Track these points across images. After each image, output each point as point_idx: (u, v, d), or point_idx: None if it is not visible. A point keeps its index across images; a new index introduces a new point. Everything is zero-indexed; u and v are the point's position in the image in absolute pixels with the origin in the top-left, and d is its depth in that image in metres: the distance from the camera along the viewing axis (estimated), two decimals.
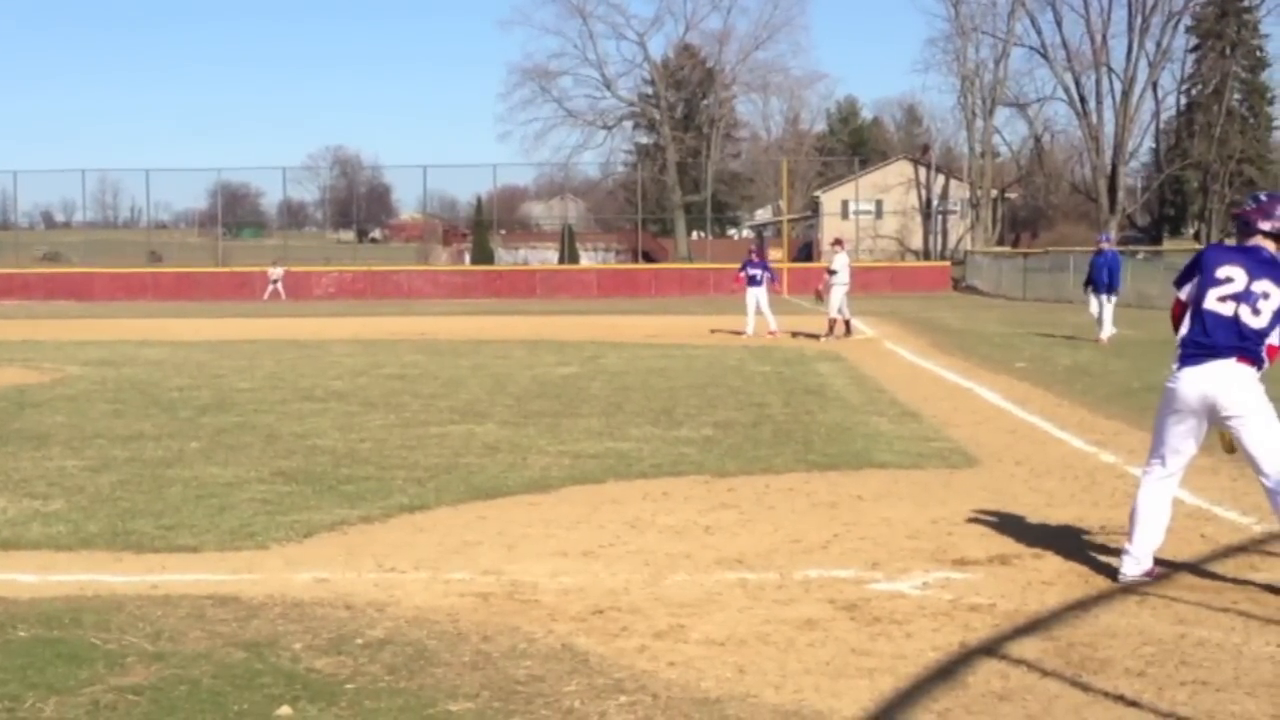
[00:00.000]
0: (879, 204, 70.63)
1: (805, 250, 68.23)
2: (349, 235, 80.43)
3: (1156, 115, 72.01)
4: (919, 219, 71.84)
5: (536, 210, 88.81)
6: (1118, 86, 66.35)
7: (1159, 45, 66.36)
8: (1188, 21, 69.49)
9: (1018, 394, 14.09)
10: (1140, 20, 65.01)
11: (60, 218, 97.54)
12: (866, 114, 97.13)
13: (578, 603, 5.65)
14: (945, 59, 69.58)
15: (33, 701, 4.38)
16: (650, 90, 76.91)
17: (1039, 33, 67.86)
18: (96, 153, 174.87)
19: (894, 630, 5.22)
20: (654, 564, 6.38)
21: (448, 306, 42.56)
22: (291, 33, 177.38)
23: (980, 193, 66.57)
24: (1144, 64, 66.25)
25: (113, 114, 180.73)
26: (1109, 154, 66.65)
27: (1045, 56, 68.17)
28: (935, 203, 71.78)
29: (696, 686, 4.55)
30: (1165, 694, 4.44)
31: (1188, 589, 5.81)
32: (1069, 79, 67.32)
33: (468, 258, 67.32)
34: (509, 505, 7.91)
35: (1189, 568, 6.18)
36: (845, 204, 69.18)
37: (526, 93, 74.82)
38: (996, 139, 70.95)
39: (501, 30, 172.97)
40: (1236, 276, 5.68)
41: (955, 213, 71.16)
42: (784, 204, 64.04)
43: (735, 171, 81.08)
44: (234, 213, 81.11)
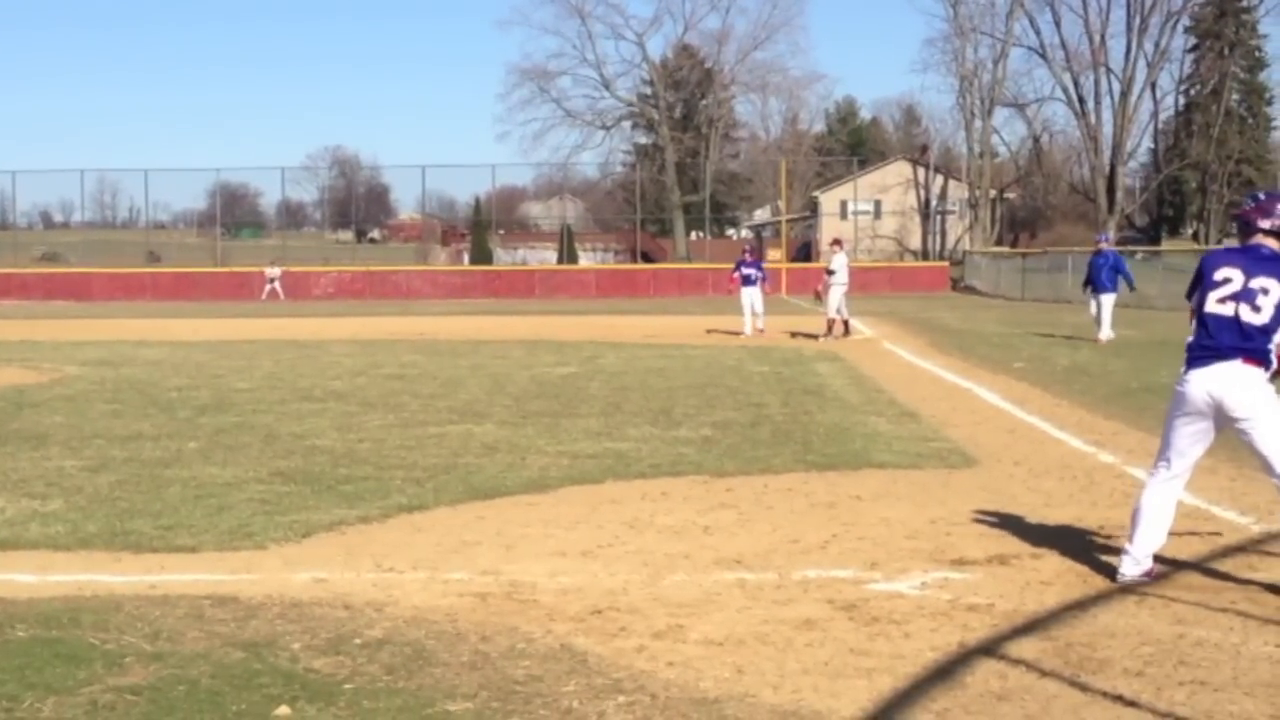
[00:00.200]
0: (877, 204, 70.66)
1: (804, 250, 68.19)
2: (347, 235, 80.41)
3: (1155, 115, 72.14)
4: (918, 219, 71.86)
5: (535, 210, 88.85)
6: (1116, 87, 66.47)
7: (1157, 45, 66.47)
8: (1186, 22, 69.63)
9: (1016, 394, 14.09)
10: (1139, 20, 65.15)
11: (59, 218, 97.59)
12: (865, 114, 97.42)
13: (576, 603, 5.65)
14: (944, 59, 69.77)
15: (31, 701, 4.37)
16: (649, 90, 76.91)
17: (1037, 33, 68.04)
18: (95, 153, 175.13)
19: (892, 630, 5.22)
20: (652, 564, 6.38)
21: (446, 306, 42.56)
22: (290, 33, 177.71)
23: (979, 193, 66.59)
24: (1142, 64, 66.41)
25: (111, 114, 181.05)
26: (1107, 154, 66.70)
27: (1044, 57, 68.33)
28: (934, 203, 71.80)
29: (695, 686, 4.55)
30: (1164, 694, 4.44)
31: (1186, 589, 5.81)
32: (1067, 79, 67.45)
33: (466, 258, 67.29)
34: (507, 505, 7.91)
35: (1187, 567, 6.19)
36: (844, 204, 69.18)
37: (525, 93, 74.95)
38: (995, 139, 71.10)
39: (500, 30, 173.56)
40: (1234, 277, 5.72)
41: (954, 213, 71.18)
42: (783, 204, 64.13)
43: (734, 172, 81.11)
44: (233, 213, 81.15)
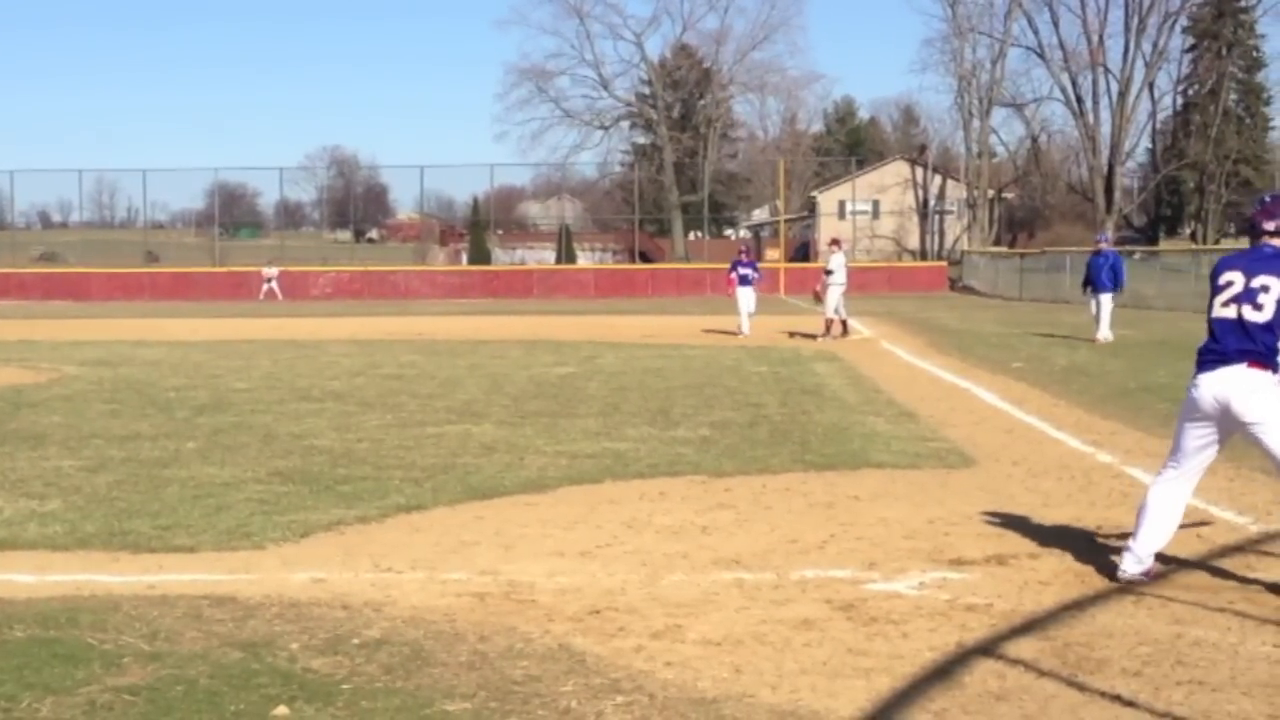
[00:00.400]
0: (876, 204, 70.68)
1: (802, 250, 68.20)
2: (346, 235, 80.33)
3: (1153, 115, 72.20)
4: (916, 219, 71.87)
5: (533, 210, 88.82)
6: (1114, 87, 66.53)
7: (1155, 45, 66.53)
8: (1184, 22, 69.73)
9: (1014, 394, 14.09)
10: (1137, 20, 65.21)
11: (57, 218, 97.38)
12: (863, 114, 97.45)
13: (575, 603, 5.65)
14: (942, 59, 69.83)
15: (29, 702, 4.37)
16: (647, 90, 76.92)
17: (1036, 33, 68.13)
18: (93, 153, 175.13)
19: (890, 630, 5.22)
20: (651, 564, 6.38)
21: (445, 306, 42.55)
22: (289, 33, 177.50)
23: (977, 193, 66.62)
24: (1140, 64, 66.50)
25: (110, 114, 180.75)
26: (1105, 154, 66.76)
27: (1042, 57, 68.41)
28: (932, 203, 71.81)
29: (693, 686, 4.55)
30: (1161, 694, 4.44)
31: (1184, 589, 5.81)
32: (1066, 79, 67.53)
33: (465, 258, 67.28)
34: (506, 505, 7.91)
35: (1186, 567, 6.19)
36: (842, 204, 69.16)
37: (523, 93, 74.97)
38: (993, 139, 71.22)
39: (498, 30, 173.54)
40: (1236, 279, 5.78)
41: (952, 213, 71.21)
42: (781, 204, 64.19)
43: (732, 172, 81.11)
44: (231, 213, 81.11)
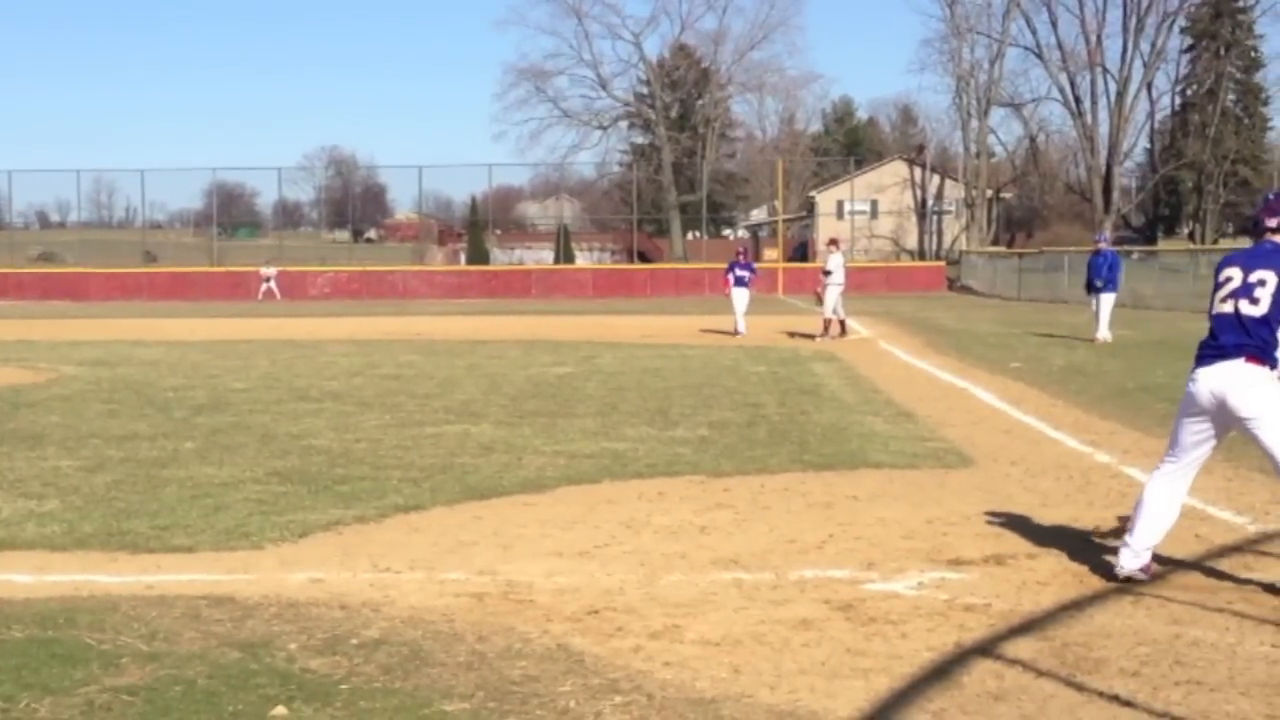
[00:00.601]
0: (874, 204, 70.68)
1: (800, 250, 68.21)
2: (344, 235, 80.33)
3: (1151, 115, 72.31)
4: (914, 219, 71.87)
5: (532, 210, 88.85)
6: (1112, 87, 66.64)
7: (1154, 45, 66.59)
8: (1183, 22, 69.73)
9: (1013, 394, 14.10)
10: (1135, 20, 65.27)
11: (55, 218, 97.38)
12: (862, 114, 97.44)
13: (573, 603, 5.65)
14: (940, 59, 69.90)
15: (27, 702, 4.37)
16: (646, 90, 76.91)
17: (1034, 33, 68.18)
18: (91, 153, 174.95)
19: (889, 630, 5.22)
20: (649, 564, 6.38)
21: (443, 306, 42.55)
22: (287, 33, 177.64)
23: (975, 193, 66.65)
24: (1139, 64, 66.59)
25: (108, 114, 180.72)
26: (1104, 154, 66.80)
27: (1040, 57, 68.48)
28: (930, 203, 71.83)
29: (692, 686, 4.55)
30: (1160, 694, 4.45)
31: (1182, 589, 5.82)
32: (1064, 79, 67.59)
33: (463, 258, 67.27)
34: (504, 505, 7.91)
35: (1184, 567, 6.20)
36: (840, 204, 69.18)
37: (522, 93, 74.91)
38: (991, 139, 71.25)
39: (497, 30, 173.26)
40: (1235, 276, 5.81)
41: (950, 213, 71.24)
42: (779, 204, 64.23)
43: (730, 171, 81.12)
44: (229, 213, 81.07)
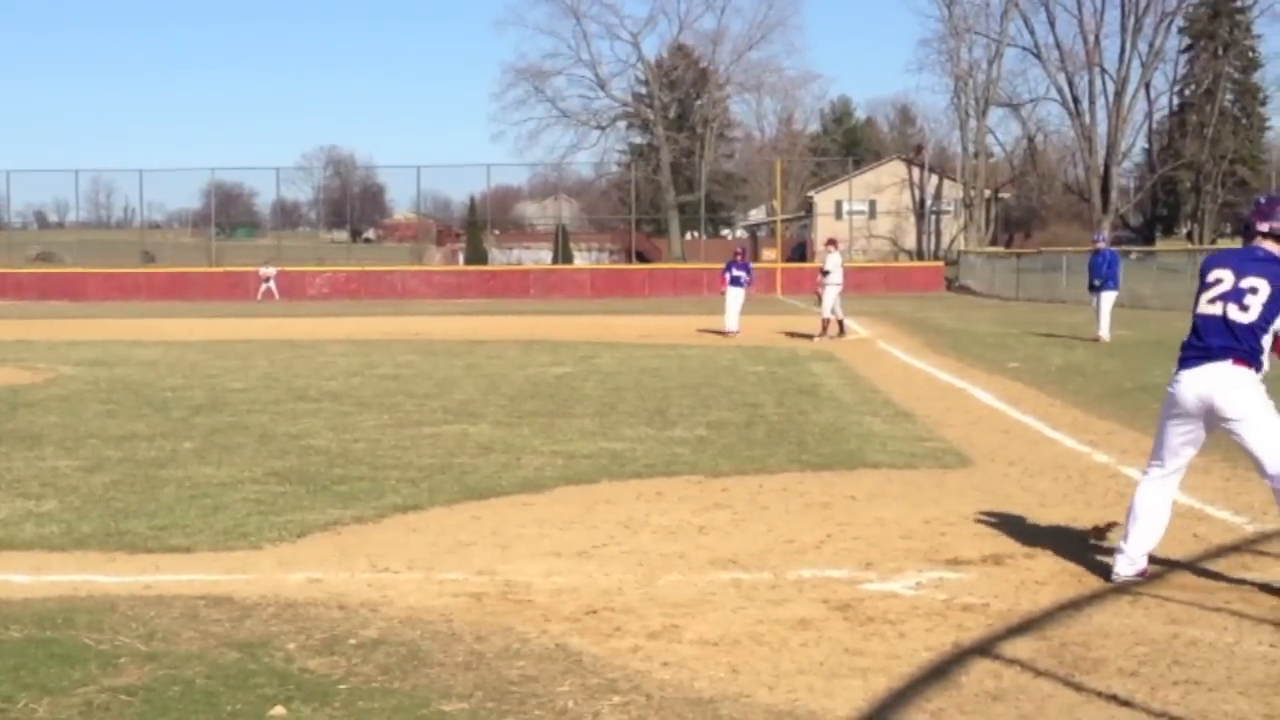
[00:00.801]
0: (872, 204, 70.69)
1: (799, 250, 68.23)
2: (343, 235, 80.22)
3: (1149, 115, 72.33)
4: (913, 219, 71.84)
5: (530, 210, 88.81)
6: (1111, 87, 66.66)
7: (1152, 46, 66.62)
8: (1180, 22, 69.76)
9: (1011, 394, 14.10)
10: (1133, 21, 65.27)
11: (54, 218, 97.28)
12: (860, 114, 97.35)
13: (571, 603, 5.65)
14: (939, 59, 69.86)
15: (26, 702, 4.37)
16: (644, 90, 76.90)
17: (1032, 33, 68.22)
18: (90, 153, 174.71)
19: (887, 630, 5.22)
20: (648, 564, 6.38)
21: (442, 307, 42.54)
22: (286, 33, 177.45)
23: (974, 193, 66.65)
24: (1137, 64, 66.59)
25: (107, 114, 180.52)
26: (1102, 154, 66.83)
27: (1038, 57, 68.50)
28: (929, 203, 71.81)
29: (690, 687, 4.55)
30: (1158, 694, 4.45)
31: (1180, 589, 5.82)
32: (1062, 79, 67.65)
33: (461, 258, 67.26)
34: (503, 505, 7.91)
35: (1182, 567, 6.20)
36: (839, 204, 69.13)
37: (520, 93, 74.88)
38: (990, 139, 71.24)
39: (495, 30, 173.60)
40: (1225, 278, 5.78)
41: (949, 213, 71.22)
42: (778, 204, 64.20)
43: (729, 172, 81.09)
44: (227, 213, 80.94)
